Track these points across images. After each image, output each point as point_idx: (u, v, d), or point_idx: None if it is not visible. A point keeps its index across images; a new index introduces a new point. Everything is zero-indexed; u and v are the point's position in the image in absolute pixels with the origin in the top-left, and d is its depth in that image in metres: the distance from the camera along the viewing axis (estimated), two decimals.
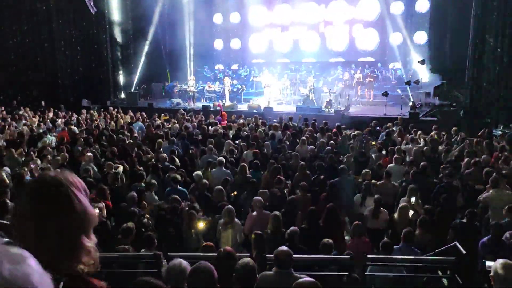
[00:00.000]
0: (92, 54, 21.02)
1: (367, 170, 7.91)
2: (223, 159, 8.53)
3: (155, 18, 22.39)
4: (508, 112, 13.53)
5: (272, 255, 3.84)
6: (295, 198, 6.83)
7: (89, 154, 9.01)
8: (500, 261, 3.14)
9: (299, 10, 22.49)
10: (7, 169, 8.15)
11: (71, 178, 1.30)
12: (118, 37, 22.07)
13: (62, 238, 1.21)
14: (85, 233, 1.28)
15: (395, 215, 6.46)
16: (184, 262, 3.01)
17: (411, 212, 6.36)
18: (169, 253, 4.80)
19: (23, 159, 8.94)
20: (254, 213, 6.17)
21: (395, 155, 8.69)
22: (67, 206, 1.23)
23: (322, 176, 7.86)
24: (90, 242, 1.29)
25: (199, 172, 8.02)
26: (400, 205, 6.54)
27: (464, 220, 5.82)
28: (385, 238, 5.92)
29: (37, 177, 1.30)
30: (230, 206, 5.98)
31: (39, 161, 8.65)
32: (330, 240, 5.09)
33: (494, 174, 6.86)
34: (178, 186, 7.29)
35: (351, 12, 21.65)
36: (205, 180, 7.54)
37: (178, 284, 2.91)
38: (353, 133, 11.25)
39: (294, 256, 3.76)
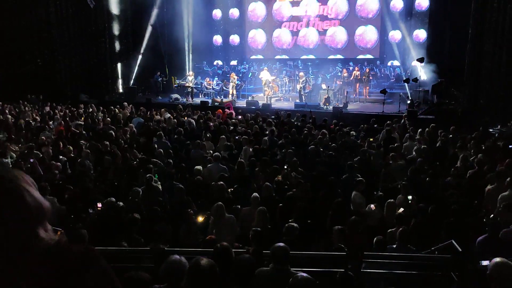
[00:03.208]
0: (90, 49, 20.95)
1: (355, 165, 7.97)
2: (219, 155, 8.52)
3: (154, 12, 22.32)
4: (506, 111, 13.55)
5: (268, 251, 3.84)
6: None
7: (87, 150, 9.02)
8: (496, 259, 3.15)
9: (298, 7, 22.47)
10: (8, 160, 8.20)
11: (18, 174, 1.34)
12: (117, 32, 21.95)
13: (14, 230, 1.25)
14: (40, 224, 1.32)
15: (384, 212, 6.48)
16: (183, 259, 3.00)
17: (401, 209, 6.35)
18: (166, 249, 4.82)
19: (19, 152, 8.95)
20: (245, 208, 6.18)
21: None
22: (18, 200, 1.27)
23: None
24: (46, 232, 1.33)
25: (200, 167, 8.02)
26: (387, 201, 6.55)
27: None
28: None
29: None
30: (219, 203, 5.90)
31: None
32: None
33: None
34: (174, 182, 7.30)
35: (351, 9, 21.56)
36: (199, 177, 7.57)
37: (177, 280, 2.91)
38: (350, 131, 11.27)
39: (291, 252, 3.76)
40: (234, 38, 24.51)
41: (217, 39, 24.73)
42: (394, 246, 5.19)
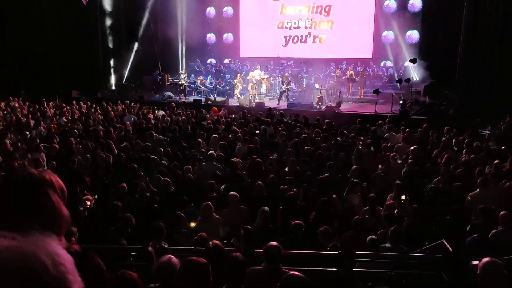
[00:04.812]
0: (83, 45, 20.75)
1: (356, 166, 7.98)
2: (214, 153, 8.50)
3: (147, 9, 22.19)
4: (497, 112, 13.66)
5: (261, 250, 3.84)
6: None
7: (79, 146, 8.95)
8: (486, 259, 3.18)
9: (292, 7, 22.40)
10: None
11: (48, 177, 1.26)
12: (110, 29, 21.80)
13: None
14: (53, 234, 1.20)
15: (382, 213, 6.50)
16: (174, 259, 3.00)
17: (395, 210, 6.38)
18: (158, 247, 4.80)
19: (11, 149, 8.85)
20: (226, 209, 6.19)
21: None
22: (36, 204, 1.18)
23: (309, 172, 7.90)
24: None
25: (189, 167, 8.00)
26: (386, 203, 6.57)
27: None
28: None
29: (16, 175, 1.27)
30: (208, 202, 5.89)
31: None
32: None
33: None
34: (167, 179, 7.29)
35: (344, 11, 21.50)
36: (190, 175, 7.55)
37: (167, 280, 2.90)
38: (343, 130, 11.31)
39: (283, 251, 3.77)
40: (228, 37, 24.31)
41: (211, 37, 24.54)
42: (386, 245, 5.22)
